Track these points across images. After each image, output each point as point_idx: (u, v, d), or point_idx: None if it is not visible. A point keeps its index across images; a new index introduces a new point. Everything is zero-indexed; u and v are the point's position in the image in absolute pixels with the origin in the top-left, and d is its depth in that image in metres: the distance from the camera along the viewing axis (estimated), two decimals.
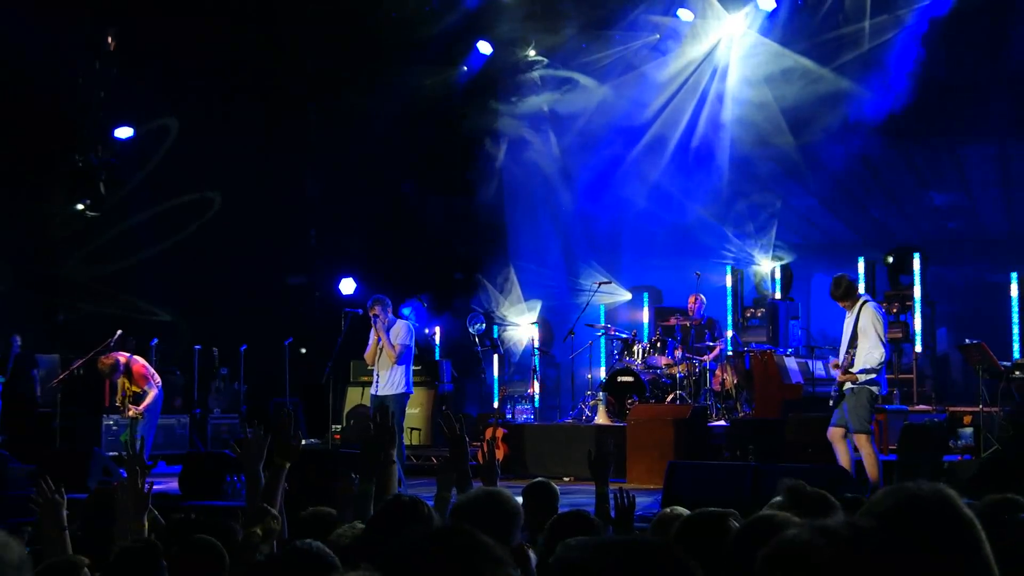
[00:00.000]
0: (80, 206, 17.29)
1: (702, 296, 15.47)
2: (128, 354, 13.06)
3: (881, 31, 15.86)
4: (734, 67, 17.11)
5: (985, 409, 11.73)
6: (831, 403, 10.37)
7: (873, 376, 10.19)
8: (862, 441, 10.07)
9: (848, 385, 10.25)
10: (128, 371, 12.83)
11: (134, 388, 12.79)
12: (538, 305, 18.36)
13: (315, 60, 17.77)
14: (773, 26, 16.45)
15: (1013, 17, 15.31)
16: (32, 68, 15.31)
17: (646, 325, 18.14)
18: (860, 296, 10.57)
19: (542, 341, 17.37)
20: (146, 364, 13.13)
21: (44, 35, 15.17)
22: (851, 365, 10.23)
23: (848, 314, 10.51)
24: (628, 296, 18.56)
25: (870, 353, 10.23)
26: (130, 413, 12.66)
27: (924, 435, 10.90)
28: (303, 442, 14.65)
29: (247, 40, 16.65)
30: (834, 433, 10.18)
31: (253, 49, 16.85)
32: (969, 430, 12.03)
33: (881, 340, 10.22)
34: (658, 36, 17.38)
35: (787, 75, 16.50)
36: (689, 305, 15.43)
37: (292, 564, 3.09)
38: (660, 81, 17.61)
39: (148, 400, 12.73)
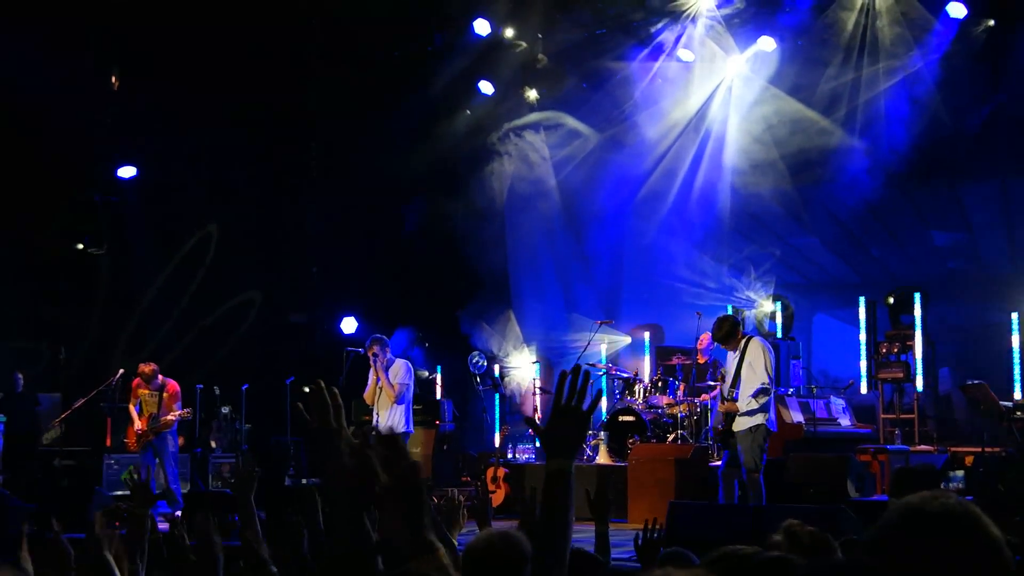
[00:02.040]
0: (80, 245, 17.39)
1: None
2: None
3: (880, 74, 15.95)
4: (735, 109, 17.17)
5: (987, 450, 11.71)
6: (717, 443, 10.55)
7: (759, 410, 10.31)
8: (755, 480, 10.12)
9: (743, 425, 10.32)
10: (164, 386, 13.09)
11: (168, 413, 12.99)
12: (538, 345, 18.35)
13: (317, 98, 17.86)
14: (774, 68, 16.52)
15: (1011, 56, 15.38)
16: (35, 107, 15.39)
17: (647, 370, 18.11)
18: (746, 334, 10.71)
19: (543, 380, 17.35)
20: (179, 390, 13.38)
21: (48, 73, 15.27)
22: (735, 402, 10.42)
23: (731, 354, 10.63)
24: (627, 340, 18.55)
25: (752, 386, 10.38)
26: (166, 418, 12.87)
27: (915, 478, 10.85)
28: (303, 481, 14.61)
29: (249, 79, 16.73)
30: (730, 475, 10.34)
31: (255, 88, 16.93)
32: (960, 472, 12.00)
33: (768, 374, 10.38)
34: (660, 81, 17.46)
35: (787, 117, 16.56)
36: (700, 344, 15.37)
37: None
38: (661, 122, 17.68)
39: (172, 416, 12.99)
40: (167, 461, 13.04)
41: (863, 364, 16.11)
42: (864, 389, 16.02)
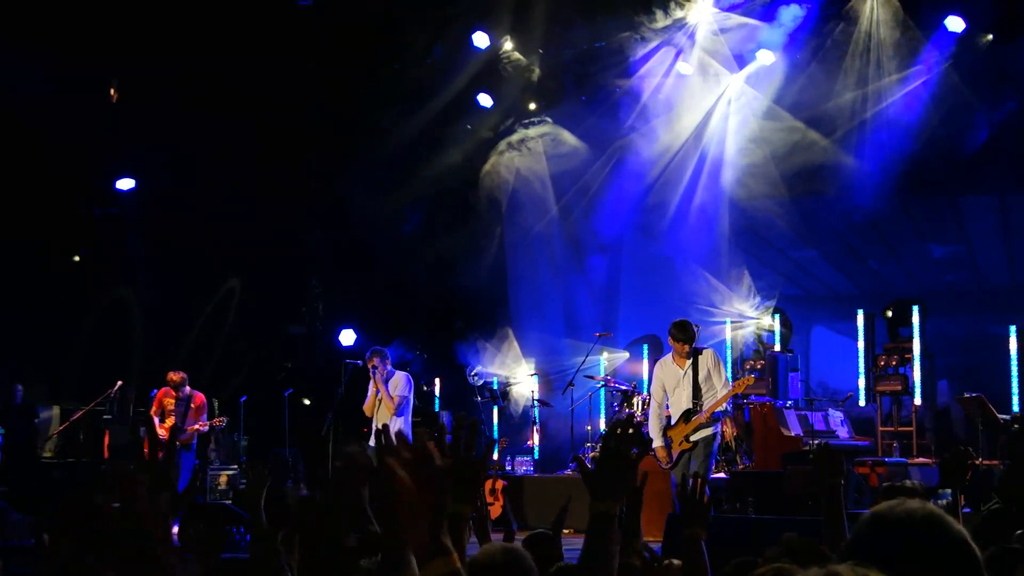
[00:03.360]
0: (77, 257, 17.41)
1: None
2: None
3: (879, 88, 16.00)
4: (734, 123, 17.22)
5: (984, 462, 11.71)
6: (670, 467, 10.57)
7: (716, 418, 10.49)
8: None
9: (702, 434, 10.41)
10: (192, 397, 13.10)
11: (195, 423, 12.99)
12: (537, 357, 18.35)
13: (316, 109, 17.88)
14: (773, 83, 16.56)
15: (1011, 68, 15.41)
16: (34, 119, 15.40)
17: (645, 382, 18.11)
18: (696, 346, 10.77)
19: (542, 393, 17.35)
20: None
21: (46, 86, 15.29)
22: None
23: (676, 367, 10.60)
24: (625, 355, 18.55)
25: (718, 392, 10.45)
26: (193, 428, 12.88)
27: (903, 494, 10.84)
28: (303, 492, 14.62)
29: (248, 91, 16.75)
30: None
31: (253, 99, 16.95)
32: (948, 491, 11.92)
33: (726, 382, 10.56)
34: (659, 95, 17.49)
35: (786, 131, 16.61)
36: None
37: None
38: (661, 136, 17.72)
39: (197, 428, 12.99)
40: (183, 473, 12.94)
41: (861, 377, 16.12)
42: (862, 401, 16.03)
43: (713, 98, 17.28)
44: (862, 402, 16.03)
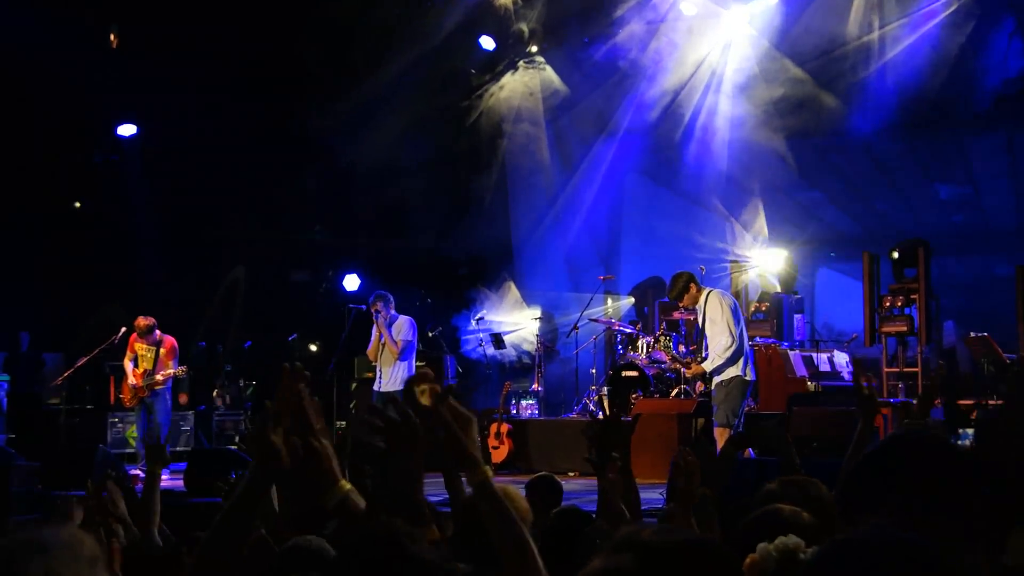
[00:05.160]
0: (77, 204, 17.35)
1: None
2: None
3: (885, 24, 15.81)
4: (735, 62, 17.05)
5: (991, 403, 11.69)
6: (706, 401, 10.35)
7: (726, 364, 10.10)
8: (720, 435, 9.85)
9: (718, 378, 10.19)
10: (161, 342, 12.98)
11: (165, 369, 12.87)
12: (542, 301, 18.34)
13: (316, 55, 17.74)
14: (776, 20, 16.37)
15: (1021, 9, 15.23)
16: (34, 65, 15.29)
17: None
18: (704, 288, 10.50)
19: (546, 337, 17.34)
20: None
21: (46, 31, 15.16)
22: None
23: (697, 312, 10.45)
24: (631, 301, 18.54)
25: (716, 341, 10.17)
26: (163, 374, 12.78)
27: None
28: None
29: (248, 35, 16.61)
30: (719, 433, 10.11)
31: (255, 44, 16.81)
32: (970, 431, 11.89)
33: (729, 328, 10.12)
34: (662, 35, 17.31)
35: (790, 70, 16.44)
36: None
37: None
38: (664, 77, 17.56)
39: (170, 372, 12.87)
40: (162, 419, 12.91)
41: (866, 318, 16.06)
42: (867, 343, 15.99)
43: (716, 38, 17.10)
44: (867, 343, 15.99)
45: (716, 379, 10.38)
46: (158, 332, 13.12)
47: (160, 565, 3.98)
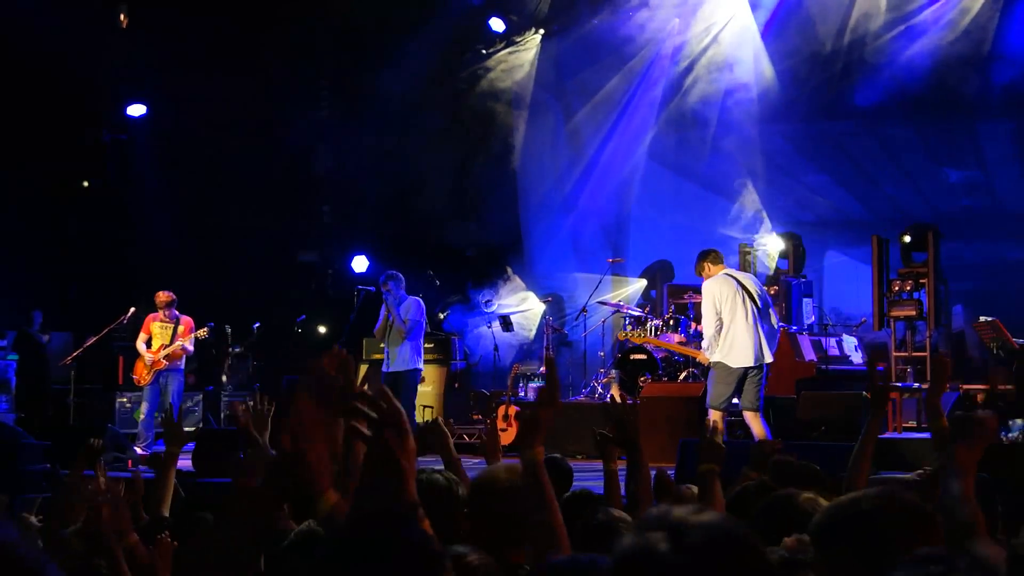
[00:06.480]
0: (86, 183, 17.35)
1: None
2: None
3: (899, 5, 15.73)
4: (746, 42, 16.97)
5: (1000, 388, 11.65)
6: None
7: (710, 347, 10.31)
8: (715, 415, 10.05)
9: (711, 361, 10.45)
10: (179, 320, 12.93)
11: (178, 341, 12.82)
12: (549, 284, 18.33)
13: (326, 36, 17.71)
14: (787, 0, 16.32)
15: None
16: (43, 45, 15.28)
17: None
18: (720, 268, 10.58)
19: (554, 319, 17.34)
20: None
21: (55, 11, 15.15)
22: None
23: None
24: (642, 284, 18.52)
25: (703, 326, 10.47)
26: (179, 343, 12.73)
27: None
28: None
29: (258, 17, 16.59)
30: (746, 416, 10.35)
31: (264, 26, 16.79)
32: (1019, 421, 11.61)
33: (714, 313, 10.23)
34: (673, 14, 17.25)
35: (800, 51, 16.38)
36: None
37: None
38: (670, 57, 17.51)
39: (188, 345, 12.83)
40: (174, 399, 12.85)
41: (875, 302, 16.02)
42: (876, 327, 15.95)
43: (725, 14, 17.03)
44: (876, 327, 15.95)
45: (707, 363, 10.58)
46: (176, 309, 13.07)
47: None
